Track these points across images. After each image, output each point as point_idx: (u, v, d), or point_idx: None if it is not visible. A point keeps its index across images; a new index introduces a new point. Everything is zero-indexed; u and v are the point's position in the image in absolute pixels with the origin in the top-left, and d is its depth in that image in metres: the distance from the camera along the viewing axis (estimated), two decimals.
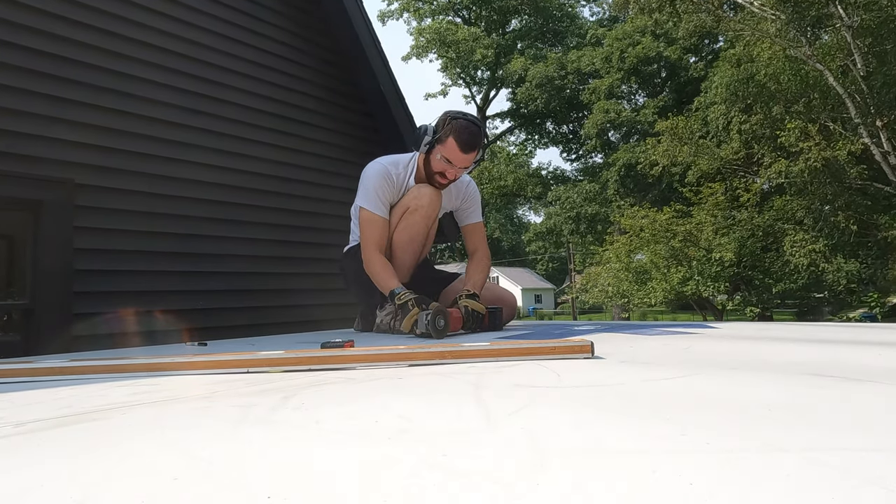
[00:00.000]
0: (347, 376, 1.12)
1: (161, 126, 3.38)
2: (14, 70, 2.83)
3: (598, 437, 0.63)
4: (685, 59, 22.74)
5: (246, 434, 0.69)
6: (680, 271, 14.84)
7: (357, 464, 0.56)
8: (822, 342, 1.65)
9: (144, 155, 3.30)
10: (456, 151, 2.32)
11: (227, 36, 3.76)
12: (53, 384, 1.15)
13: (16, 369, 1.25)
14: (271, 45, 4.09)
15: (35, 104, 2.89)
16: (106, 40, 3.18)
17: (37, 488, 0.51)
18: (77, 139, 3.03)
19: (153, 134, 3.34)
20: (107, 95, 3.15)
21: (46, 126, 2.92)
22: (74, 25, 3.06)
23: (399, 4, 26.87)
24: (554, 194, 25.03)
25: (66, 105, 3.00)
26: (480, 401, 0.84)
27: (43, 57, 2.93)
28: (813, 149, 12.18)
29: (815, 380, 0.98)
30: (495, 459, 0.56)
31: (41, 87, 2.91)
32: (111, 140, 3.16)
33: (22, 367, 1.26)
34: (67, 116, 3.00)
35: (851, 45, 11.65)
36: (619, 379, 1.01)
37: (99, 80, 3.13)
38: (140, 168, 3.27)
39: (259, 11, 4.02)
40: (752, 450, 0.56)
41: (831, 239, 13.45)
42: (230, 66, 3.76)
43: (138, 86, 3.29)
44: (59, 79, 2.98)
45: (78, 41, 3.06)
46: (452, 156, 2.33)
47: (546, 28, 27.05)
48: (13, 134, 2.81)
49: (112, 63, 3.19)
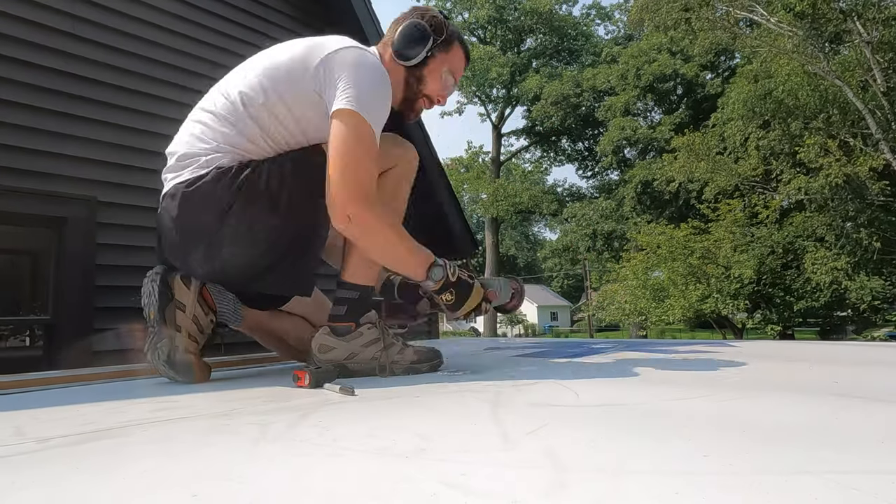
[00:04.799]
0: (363, 395, 1.12)
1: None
2: (46, 92, 2.91)
3: (619, 458, 0.62)
4: (701, 75, 22.69)
5: (264, 451, 0.70)
6: (698, 289, 14.66)
7: (376, 483, 0.56)
8: (845, 362, 1.62)
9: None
10: (463, 62, 1.63)
11: (239, 54, 3.83)
12: (76, 400, 1.17)
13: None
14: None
15: (53, 123, 2.96)
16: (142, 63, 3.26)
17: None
18: (99, 157, 3.10)
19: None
20: (125, 114, 3.22)
21: (69, 145, 2.99)
22: (82, 42, 3.14)
23: None
24: (570, 211, 24.97)
25: (86, 124, 3.07)
26: (499, 420, 0.83)
27: (85, 81, 3.01)
28: (833, 164, 12.05)
29: (839, 400, 0.96)
30: (514, 479, 0.55)
31: (57, 105, 2.98)
32: (132, 158, 3.22)
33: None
34: (89, 136, 3.07)
35: (871, 60, 11.57)
36: (639, 398, 1.00)
37: (115, 99, 3.20)
38: (160, 186, 3.33)
39: (272, 31, 4.09)
40: (777, 472, 0.55)
41: (854, 256, 13.23)
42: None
43: (155, 104, 3.35)
44: (74, 97, 3.06)
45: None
46: (460, 68, 1.63)
47: (561, 46, 27.21)
48: (36, 153, 2.88)
49: (132, 83, 3.27)
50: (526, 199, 25.42)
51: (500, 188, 25.47)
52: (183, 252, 1.39)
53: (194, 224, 1.36)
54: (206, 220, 1.35)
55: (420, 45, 1.52)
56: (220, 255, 1.36)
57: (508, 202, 25.20)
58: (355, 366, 1.43)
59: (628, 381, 1.21)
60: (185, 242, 1.38)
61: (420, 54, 1.52)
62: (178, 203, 1.36)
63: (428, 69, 1.55)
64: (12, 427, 0.88)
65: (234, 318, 1.51)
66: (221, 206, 1.33)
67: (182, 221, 1.37)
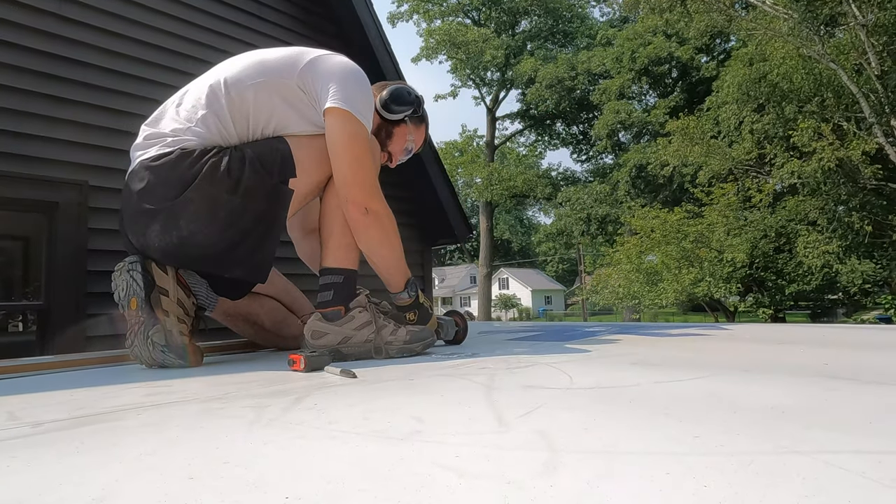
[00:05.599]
0: (359, 378, 1.12)
1: None
2: (39, 75, 2.86)
3: (612, 440, 0.63)
4: (697, 58, 22.60)
5: (260, 434, 0.70)
6: (691, 272, 14.75)
7: (371, 464, 0.56)
8: (835, 344, 1.64)
9: None
10: (422, 140, 1.85)
11: (234, 37, 3.78)
12: (69, 385, 1.17)
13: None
14: (282, 46, 4.11)
15: (45, 107, 2.92)
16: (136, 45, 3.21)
17: (55, 487, 0.52)
18: (91, 142, 3.06)
19: None
20: (117, 98, 3.19)
21: (61, 129, 2.95)
22: (73, 24, 3.09)
23: (409, 6, 26.92)
24: (564, 195, 24.96)
25: (78, 108, 3.04)
26: (492, 402, 0.84)
27: (74, 63, 2.96)
28: (826, 148, 12.08)
29: (828, 382, 0.97)
30: (508, 461, 0.56)
31: (48, 88, 2.94)
32: (124, 142, 3.19)
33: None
34: (81, 119, 3.03)
35: (866, 43, 11.54)
36: (632, 381, 1.01)
37: (107, 82, 3.16)
38: None
39: (266, 13, 4.04)
40: (767, 452, 0.56)
41: (845, 240, 13.32)
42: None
43: (147, 88, 3.32)
44: (66, 80, 3.02)
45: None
46: (419, 144, 1.84)
47: (556, 29, 27.00)
48: (26, 136, 2.84)
49: (123, 66, 3.22)
50: (520, 182, 25.40)
51: (494, 172, 25.42)
52: (143, 224, 1.40)
53: (155, 195, 1.38)
54: (167, 194, 1.37)
55: (403, 107, 1.72)
56: (177, 227, 1.37)
57: (503, 186, 25.17)
58: (349, 349, 1.45)
59: (621, 364, 1.22)
60: (145, 214, 1.39)
61: (400, 114, 1.72)
62: (140, 176, 1.39)
63: (398, 129, 1.76)
64: (5, 412, 0.88)
65: (209, 302, 1.54)
66: (183, 182, 1.36)
67: (143, 194, 1.38)
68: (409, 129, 1.77)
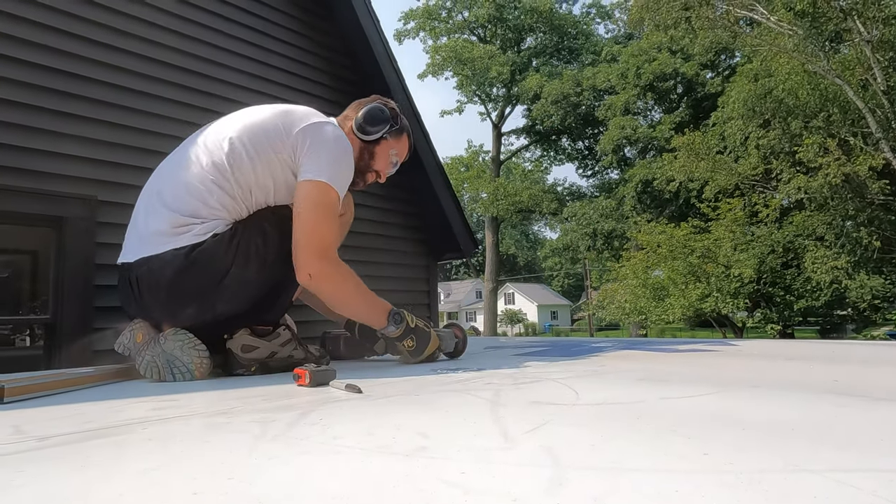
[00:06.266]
0: (365, 393, 1.12)
1: (177, 143, 3.44)
2: (41, 90, 2.90)
3: (618, 456, 0.63)
4: (702, 74, 22.68)
5: (265, 450, 0.70)
6: (698, 288, 14.66)
7: (376, 481, 0.56)
8: (844, 361, 1.62)
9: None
10: (406, 150, 1.88)
11: (239, 53, 3.82)
12: (75, 399, 1.17)
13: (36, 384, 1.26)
14: (287, 63, 4.15)
15: (51, 122, 2.96)
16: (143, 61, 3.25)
17: (60, 502, 0.52)
18: (99, 157, 3.09)
19: (169, 151, 3.40)
20: (124, 113, 3.22)
21: (67, 144, 2.98)
22: (78, 40, 3.14)
23: (415, 24, 27.21)
24: (570, 210, 24.95)
25: (84, 123, 3.07)
26: (498, 418, 0.83)
27: (86, 80, 3.01)
28: (832, 164, 12.04)
29: (838, 398, 0.96)
30: (514, 477, 0.55)
31: (54, 104, 2.98)
32: (132, 157, 3.22)
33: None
34: (88, 134, 3.06)
35: (871, 59, 11.56)
36: (639, 397, 1.00)
37: (115, 98, 3.20)
38: None
39: (273, 31, 4.08)
40: (777, 470, 0.55)
41: (854, 255, 13.22)
42: (240, 83, 3.82)
43: (152, 104, 3.35)
44: (74, 96, 3.06)
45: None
46: (404, 154, 1.87)
47: (561, 45, 27.20)
48: (33, 152, 2.87)
49: (128, 81, 3.26)
50: (526, 198, 25.41)
51: (500, 187, 25.46)
52: (176, 307, 1.50)
53: (193, 287, 1.49)
54: (204, 284, 1.49)
55: (379, 125, 1.76)
56: (213, 309, 1.50)
57: (508, 201, 25.19)
58: (275, 363, 1.55)
59: (628, 380, 1.21)
60: (180, 301, 1.49)
61: (377, 133, 1.76)
62: (174, 267, 1.47)
63: (379, 147, 1.80)
64: (11, 426, 0.88)
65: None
66: (219, 272, 1.49)
67: (179, 285, 1.48)
68: (391, 144, 1.82)
